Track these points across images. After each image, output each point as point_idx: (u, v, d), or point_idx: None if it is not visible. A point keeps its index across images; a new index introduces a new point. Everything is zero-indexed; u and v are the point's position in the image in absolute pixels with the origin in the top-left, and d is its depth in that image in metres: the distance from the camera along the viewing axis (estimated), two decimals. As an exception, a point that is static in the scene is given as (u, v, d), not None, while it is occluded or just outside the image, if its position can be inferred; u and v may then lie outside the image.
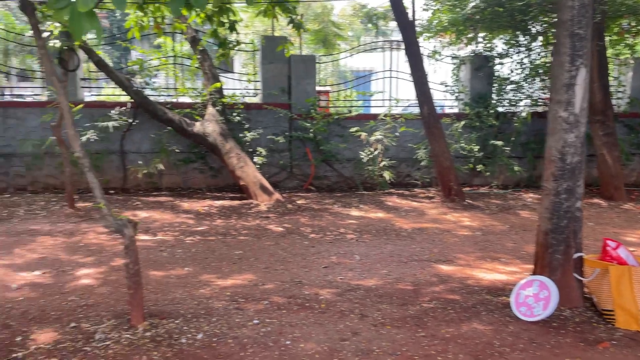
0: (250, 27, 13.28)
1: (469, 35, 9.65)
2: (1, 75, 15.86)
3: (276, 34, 12.39)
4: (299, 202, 7.87)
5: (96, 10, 2.31)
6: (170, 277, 4.62)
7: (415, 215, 7.30)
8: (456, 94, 9.81)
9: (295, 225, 6.56)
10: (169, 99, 9.02)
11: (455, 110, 10.08)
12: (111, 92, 10.11)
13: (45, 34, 6.41)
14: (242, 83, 10.62)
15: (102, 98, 10.10)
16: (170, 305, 3.93)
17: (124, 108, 8.31)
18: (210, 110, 8.21)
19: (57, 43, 6.33)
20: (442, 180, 8.12)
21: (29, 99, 9.80)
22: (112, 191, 8.39)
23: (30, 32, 10.24)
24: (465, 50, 10.46)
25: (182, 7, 2.48)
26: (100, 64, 7.75)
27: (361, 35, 20.84)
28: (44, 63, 3.20)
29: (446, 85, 9.82)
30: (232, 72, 10.91)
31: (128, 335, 3.33)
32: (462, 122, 9.14)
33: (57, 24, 6.23)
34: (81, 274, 4.64)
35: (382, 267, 4.98)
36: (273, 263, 5.08)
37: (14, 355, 3.09)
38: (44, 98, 8.68)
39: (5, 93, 13.89)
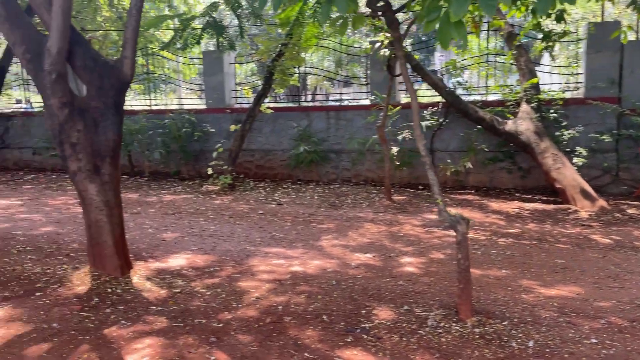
0: (569, 15, 12.07)
1: None
2: (329, 82, 18.78)
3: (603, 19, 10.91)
4: (629, 211, 6.78)
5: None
6: (488, 276, 4.62)
7: None
8: None
9: (627, 239, 5.68)
10: (478, 98, 9.03)
11: None
12: (422, 94, 10.74)
13: (377, 44, 7.25)
14: (554, 77, 9.78)
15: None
16: (493, 305, 3.92)
17: (436, 108, 8.70)
18: (524, 107, 7.83)
19: (386, 52, 7.05)
20: None
21: (345, 103, 11.28)
22: (421, 187, 8.92)
23: (358, 45, 11.76)
24: None
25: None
26: (417, 68, 8.30)
27: None
28: (401, 70, 3.59)
29: None
30: (545, 65, 10.14)
31: (457, 328, 3.48)
32: None
33: (388, 35, 6.96)
34: (404, 261, 5.09)
35: None
36: (604, 278, 4.52)
37: (362, 325, 3.60)
38: (367, 102, 9.84)
39: (332, 98, 16.39)
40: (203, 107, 11.01)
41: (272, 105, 10.79)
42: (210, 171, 9.28)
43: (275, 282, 4.48)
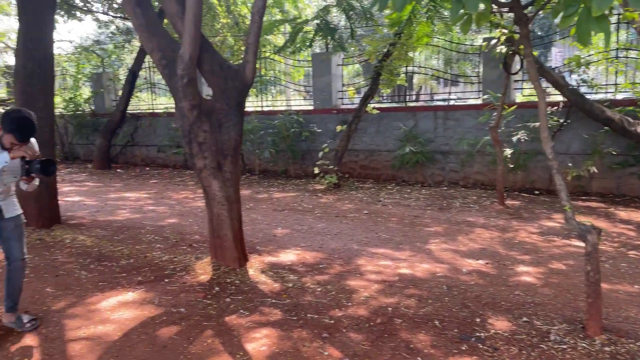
0: None
1: None
2: (435, 82, 18.33)
3: None
4: None
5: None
6: (618, 292, 4.22)
7: None
8: None
9: None
10: (604, 96, 8.27)
11: None
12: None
13: (492, 41, 6.94)
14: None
15: (528, 99, 10.21)
16: (625, 323, 3.58)
17: (556, 108, 8.13)
18: (662, 106, 7.03)
19: (503, 49, 6.72)
20: None
21: (452, 103, 10.88)
22: (536, 192, 8.38)
23: (468, 42, 11.34)
24: None
25: None
26: (538, 65, 7.79)
27: None
28: (528, 68, 3.41)
29: None
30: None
31: (585, 345, 3.22)
32: None
33: (504, 31, 6.63)
34: (521, 270, 4.81)
35: None
36: None
37: (477, 334, 3.47)
38: (479, 101, 9.45)
39: (435, 98, 15.96)
40: (310, 107, 11.30)
41: (377, 105, 10.79)
42: (316, 170, 9.51)
43: (384, 283, 4.47)
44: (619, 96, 8.35)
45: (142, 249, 5.53)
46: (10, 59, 19.24)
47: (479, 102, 9.35)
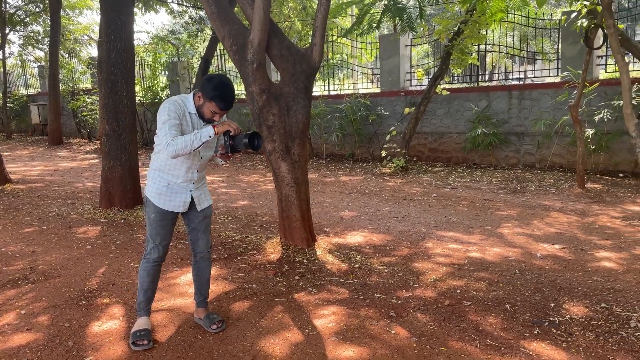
0: None
1: None
2: (509, 60, 17.48)
3: None
4: None
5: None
6: None
7: None
8: None
9: None
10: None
11: None
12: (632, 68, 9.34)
13: (573, 14, 6.53)
14: None
15: (612, 76, 9.52)
16: None
17: (644, 84, 7.52)
18: None
19: (584, 22, 6.30)
20: None
21: (529, 81, 10.33)
22: (621, 174, 7.85)
23: (547, 17, 10.69)
24: None
25: None
26: (623, 39, 7.21)
27: None
28: (610, 42, 3.20)
29: None
30: None
31: (672, 335, 3.02)
32: None
33: (586, 3, 6.20)
34: (601, 255, 4.56)
35: None
36: None
37: (551, 318, 3.35)
38: (557, 79, 8.93)
39: (514, 77, 15.20)
40: (376, 90, 11.21)
41: (447, 86, 10.49)
42: (383, 153, 9.46)
43: (452, 265, 4.41)
44: None
45: (216, 228, 5.80)
46: (94, 51, 20.63)
47: (558, 80, 8.84)
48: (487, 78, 17.56)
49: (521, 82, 10.24)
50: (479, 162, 9.51)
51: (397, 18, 7.05)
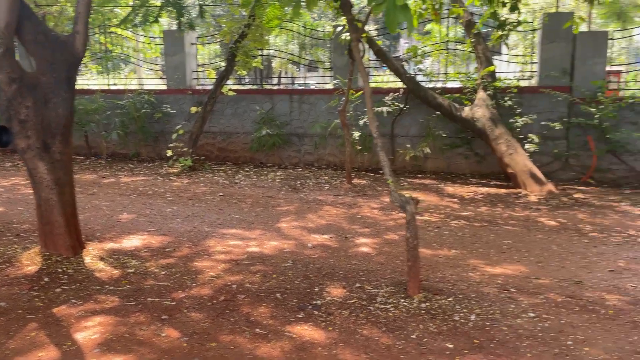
0: (527, 4, 12.38)
1: None
2: (294, 67, 18.68)
3: (559, 10, 11.26)
4: (575, 195, 7.11)
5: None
6: (438, 256, 4.79)
7: None
8: None
9: (571, 221, 5.97)
10: (437, 85, 9.21)
11: None
12: (382, 80, 10.84)
13: (338, 28, 7.29)
14: (512, 66, 10.06)
15: (374, 85, 10.94)
16: (441, 283, 4.08)
17: (397, 94, 8.82)
18: (481, 94, 8.04)
19: (347, 36, 7.09)
20: None
21: (313, 87, 11.29)
22: (380, 171, 9.05)
23: (323, 29, 11.74)
24: None
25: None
26: (380, 53, 8.38)
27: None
28: (354, 54, 3.64)
29: None
30: (503, 54, 10.42)
31: (405, 303, 3.61)
32: None
33: (349, 19, 7.00)
34: (360, 242, 5.20)
35: (690, 282, 4.14)
36: (547, 258, 4.75)
37: (314, 302, 3.69)
38: (330, 86, 9.87)
39: (297, 82, 16.30)
40: (164, 87, 10.80)
41: (235, 87, 10.69)
42: (170, 153, 9.17)
43: (231, 262, 4.52)
44: (450, 84, 9.36)
45: (-44, 242, 4.86)
46: None
47: (331, 86, 9.77)
48: (275, 82, 18.45)
49: (301, 87, 11.04)
50: (265, 162, 9.94)
51: (177, 14, 6.91)
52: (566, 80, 8.09)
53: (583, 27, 9.33)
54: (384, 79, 11.31)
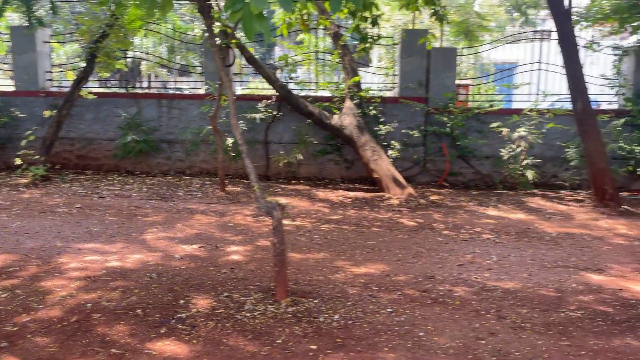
0: (389, 20, 13.30)
1: (635, 24, 8.60)
2: (164, 70, 17.95)
3: (415, 27, 12.27)
4: (432, 197, 7.77)
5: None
6: (307, 260, 4.90)
7: (562, 218, 6.77)
8: (617, 89, 8.86)
9: (427, 221, 6.50)
10: (309, 93, 9.47)
11: (614, 106, 9.12)
12: (256, 87, 10.87)
13: (207, 33, 7.14)
14: (377, 77, 10.73)
15: (248, 92, 10.92)
16: (309, 285, 4.18)
17: (270, 101, 8.90)
18: (348, 103, 8.43)
19: (216, 41, 6.98)
20: (594, 183, 7.40)
21: (185, 92, 10.94)
22: (255, 178, 9.06)
23: (193, 32, 11.44)
24: (629, 41, 9.37)
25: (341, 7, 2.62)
26: (251, 60, 8.39)
27: (505, 25, 19.63)
28: (215, 59, 3.58)
29: (606, 79, 8.94)
30: (369, 66, 11.06)
31: (272, 309, 3.63)
32: (623, 120, 8.24)
33: (217, 24, 6.89)
34: (231, 250, 5.13)
35: (521, 270, 4.73)
36: (405, 256, 5.11)
37: (178, 315, 3.54)
38: (202, 91, 9.63)
39: (168, 86, 15.68)
40: (12, 89, 9.68)
41: (96, 90, 9.95)
42: (19, 161, 8.23)
43: (87, 279, 4.17)
44: (321, 93, 9.68)
45: None
46: None
47: (203, 92, 9.54)
48: (145, 85, 17.54)
49: (170, 92, 10.62)
50: (131, 169, 9.36)
51: (27, 10, 6.24)
52: (422, 92, 8.82)
53: (437, 44, 10.26)
54: (259, 85, 11.34)
